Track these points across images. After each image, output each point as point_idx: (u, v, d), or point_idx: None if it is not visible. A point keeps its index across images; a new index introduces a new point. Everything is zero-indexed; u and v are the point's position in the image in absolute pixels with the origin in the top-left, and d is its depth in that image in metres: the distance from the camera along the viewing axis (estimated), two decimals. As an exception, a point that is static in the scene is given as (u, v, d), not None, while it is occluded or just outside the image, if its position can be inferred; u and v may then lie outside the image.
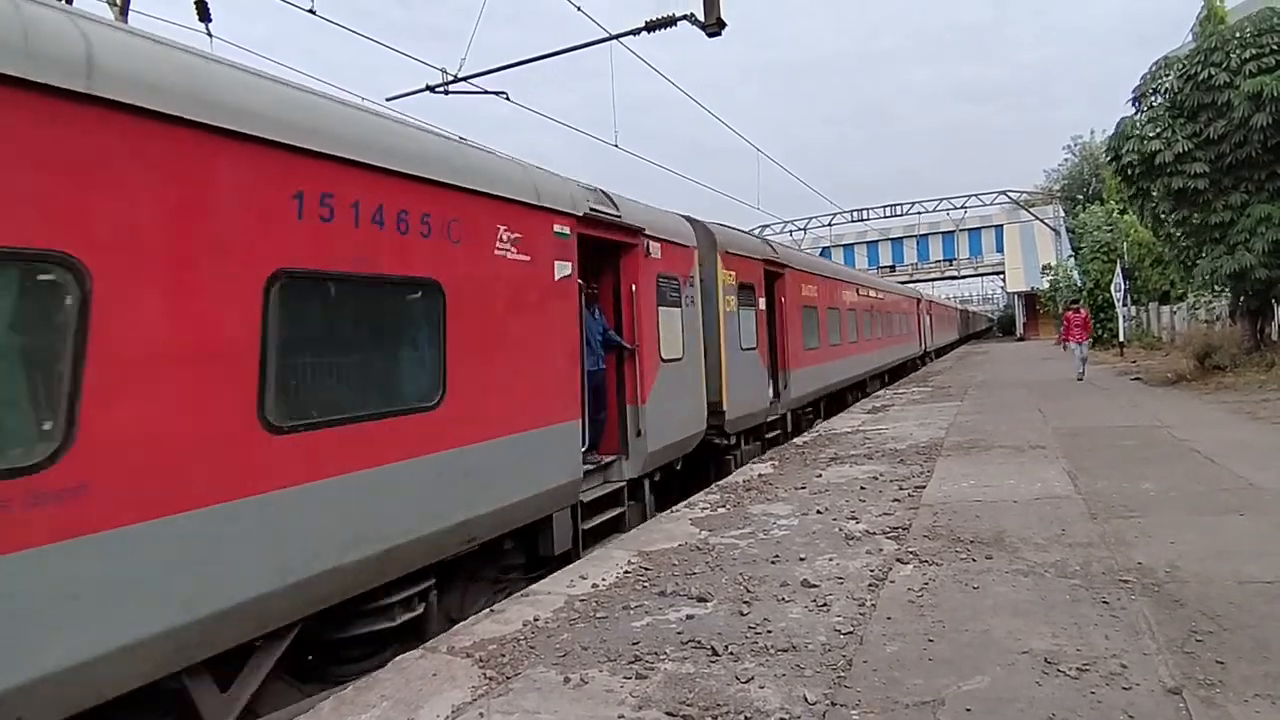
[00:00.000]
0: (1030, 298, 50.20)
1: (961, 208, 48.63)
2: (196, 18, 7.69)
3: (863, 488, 7.28)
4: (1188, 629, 3.55)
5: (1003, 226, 57.75)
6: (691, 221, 9.11)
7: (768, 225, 50.28)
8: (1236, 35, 13.75)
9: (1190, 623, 3.62)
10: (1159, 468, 7.19)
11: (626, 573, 5.10)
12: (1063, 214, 50.55)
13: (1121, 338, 25.31)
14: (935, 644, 3.58)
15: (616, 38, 10.45)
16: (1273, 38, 13.23)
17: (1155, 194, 15.06)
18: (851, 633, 3.79)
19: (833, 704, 3.08)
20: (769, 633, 3.86)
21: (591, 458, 6.67)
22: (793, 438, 11.55)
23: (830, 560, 5.05)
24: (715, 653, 3.64)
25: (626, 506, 6.99)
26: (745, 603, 4.32)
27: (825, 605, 4.21)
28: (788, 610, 4.18)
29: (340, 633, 4.20)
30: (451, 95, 11.33)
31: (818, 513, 6.39)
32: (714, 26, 9.43)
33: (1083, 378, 16.93)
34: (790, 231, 53.83)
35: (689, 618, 4.16)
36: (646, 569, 5.13)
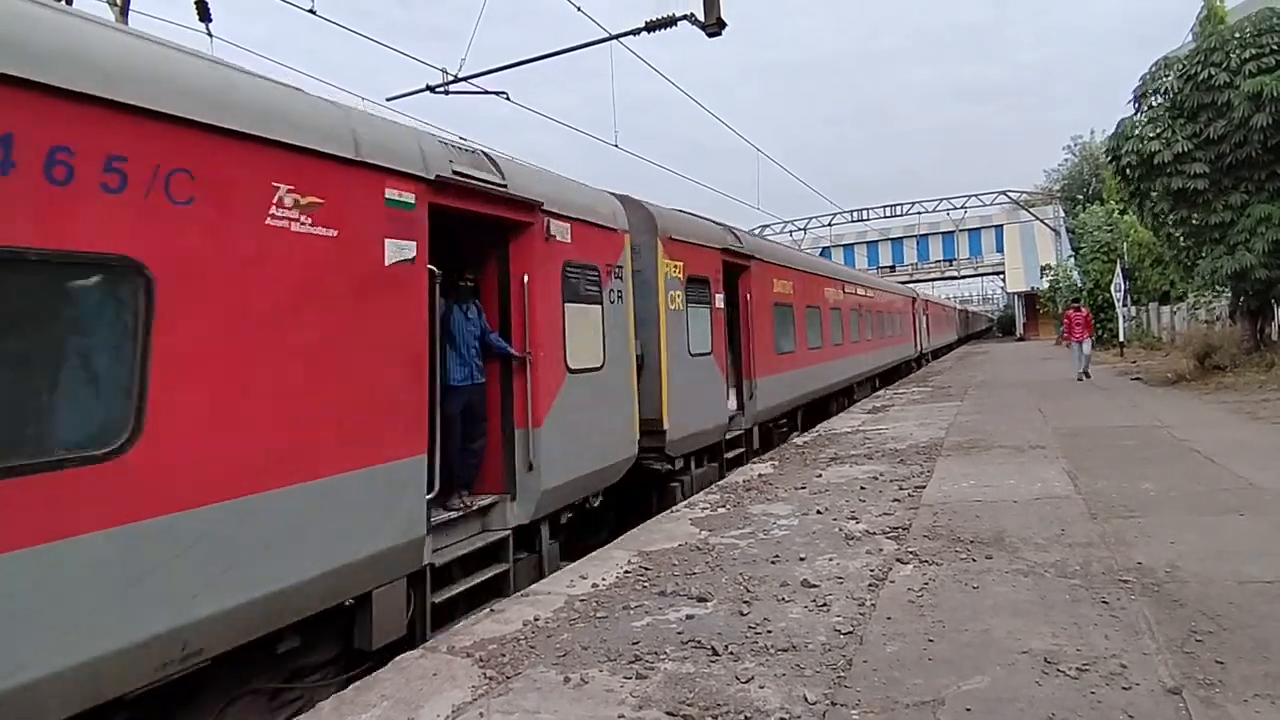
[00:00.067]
0: (1030, 298, 50.25)
1: (961, 208, 48.64)
2: (197, 18, 7.70)
3: (863, 488, 7.28)
4: (1187, 629, 3.56)
5: (1003, 227, 57.79)
6: (624, 200, 7.60)
7: (768, 225, 50.33)
8: (1236, 35, 13.75)
9: (1190, 623, 3.62)
10: (1159, 468, 7.20)
11: (626, 573, 5.10)
12: (1063, 214, 50.55)
13: (1121, 338, 25.30)
14: (935, 644, 3.59)
15: (616, 38, 10.46)
16: (1273, 38, 13.24)
17: (1155, 194, 15.06)
18: (851, 632, 3.79)
19: (833, 704, 3.08)
20: (769, 633, 3.86)
21: (454, 503, 5.31)
22: (760, 453, 10.45)
23: (830, 560, 5.05)
24: (715, 652, 3.64)
25: (513, 562, 5.53)
26: (745, 603, 4.32)
27: (825, 605, 4.22)
28: (788, 610, 4.19)
29: None
30: (451, 95, 11.37)
31: (818, 513, 6.40)
32: (714, 26, 9.43)
33: (1086, 377, 16.91)
34: (790, 231, 53.88)
35: (689, 618, 4.17)
36: (646, 569, 5.14)
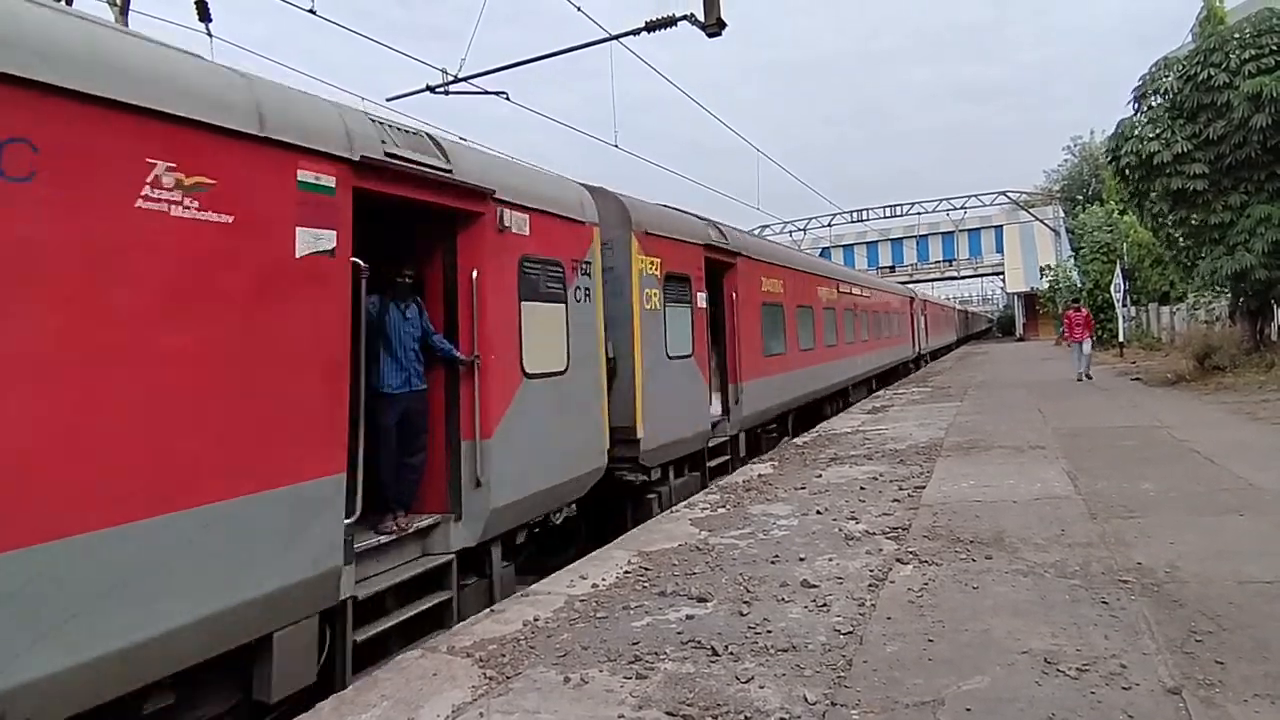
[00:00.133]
0: (1030, 298, 50.26)
1: (961, 208, 48.65)
2: (197, 18, 7.70)
3: (862, 488, 7.28)
4: (1187, 629, 3.56)
5: (1002, 227, 57.80)
6: (594, 191, 7.07)
7: (768, 225, 50.34)
8: (1236, 36, 13.76)
9: (1190, 623, 3.62)
10: (1159, 468, 7.20)
11: (626, 573, 5.10)
12: (1062, 214, 50.58)
13: (1121, 338, 25.32)
14: (935, 644, 3.59)
15: (616, 38, 10.46)
16: (1272, 38, 13.24)
17: (1154, 195, 15.06)
18: (851, 633, 3.80)
19: (833, 704, 3.08)
20: (769, 633, 3.86)
21: (387, 526, 4.77)
22: (748, 460, 9.97)
23: (830, 560, 5.05)
24: (715, 653, 3.64)
25: (457, 590, 5.01)
26: (745, 603, 4.32)
27: (825, 605, 4.22)
28: (788, 610, 4.19)
29: None
30: (452, 95, 11.36)
31: (817, 513, 6.40)
32: (714, 27, 9.43)
33: (1087, 377, 16.83)
34: (790, 232, 53.89)
35: (689, 618, 4.17)
36: (646, 569, 5.14)
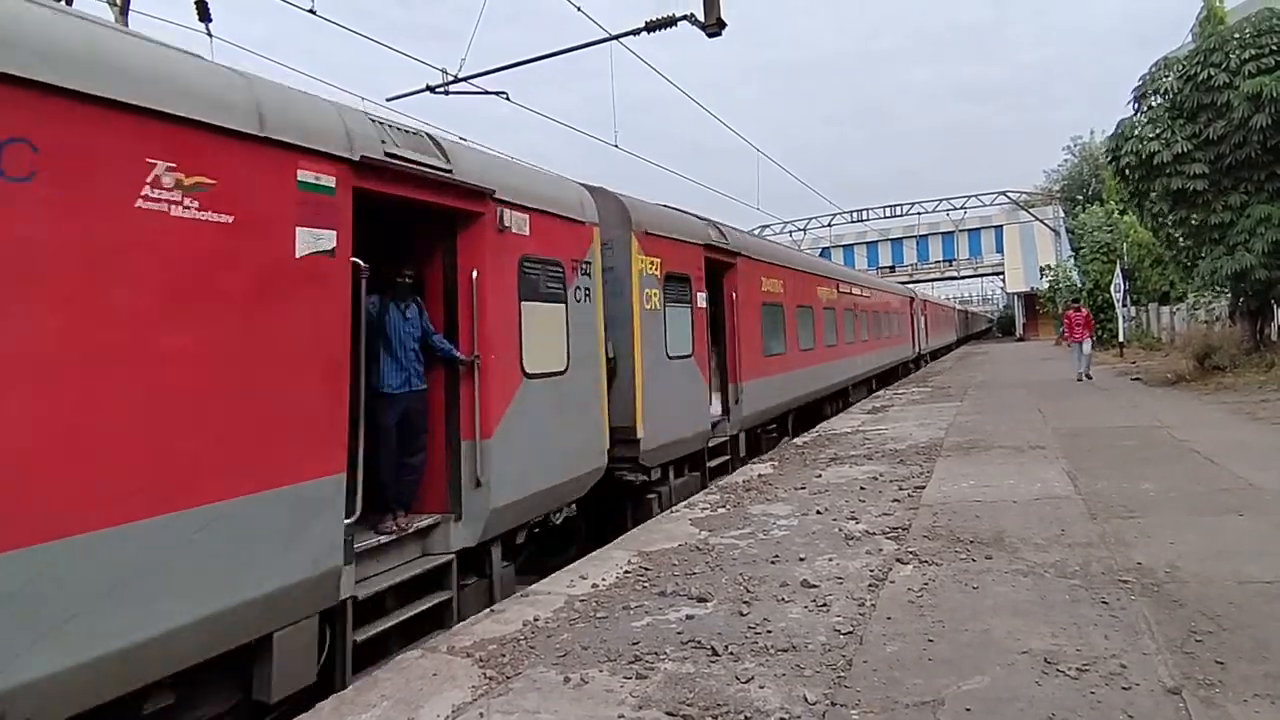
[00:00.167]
0: (1030, 298, 50.25)
1: (961, 208, 48.65)
2: (197, 18, 7.70)
3: (862, 488, 7.28)
4: (1187, 629, 3.56)
5: (1002, 227, 57.79)
6: (594, 192, 7.07)
7: (768, 225, 50.35)
8: (1236, 36, 13.76)
9: (1190, 623, 3.63)
10: (1159, 468, 7.20)
11: (626, 573, 5.10)
12: (1062, 214, 50.59)
13: (1121, 338, 25.32)
14: (935, 644, 3.59)
15: (616, 38, 10.46)
16: (1272, 38, 13.24)
17: (1154, 195, 15.06)
18: (851, 633, 3.80)
19: (833, 704, 3.08)
20: (769, 633, 3.86)
21: (387, 526, 4.78)
22: (748, 460, 9.89)
23: (830, 560, 5.05)
24: (715, 653, 3.64)
25: (457, 590, 5.02)
26: (745, 603, 4.32)
27: (825, 605, 4.22)
28: (788, 610, 4.19)
29: None
30: (452, 95, 11.36)
31: (817, 513, 6.40)
32: (714, 27, 9.43)
33: (1088, 377, 16.76)
34: (790, 232, 53.90)
35: (689, 618, 4.17)
36: (646, 569, 5.14)
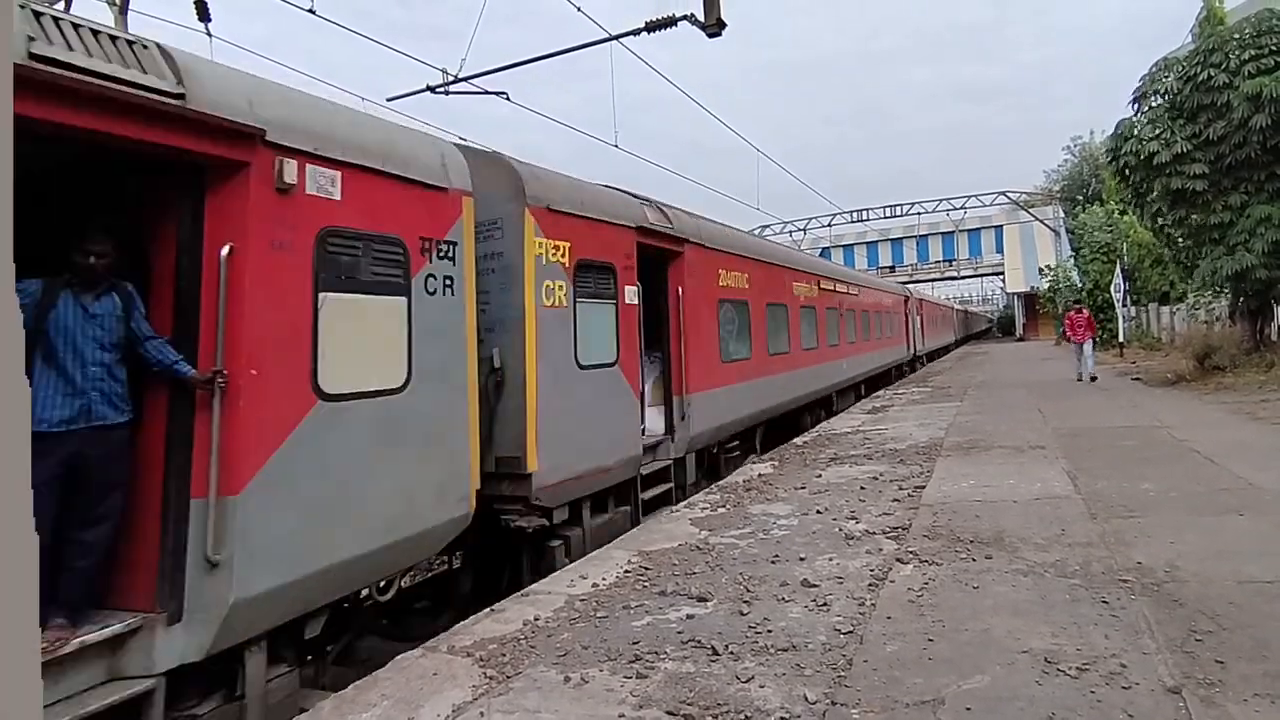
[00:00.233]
0: (1030, 298, 50.21)
1: (961, 208, 48.62)
2: (196, 17, 7.70)
3: (862, 488, 7.28)
4: (1187, 628, 3.56)
5: (1002, 227, 57.75)
6: (469, 153, 5.55)
7: (768, 225, 50.33)
8: (1236, 36, 13.77)
9: (1190, 622, 3.63)
10: (1159, 468, 7.20)
11: (626, 572, 5.10)
12: (1062, 214, 50.59)
13: (1121, 338, 25.33)
14: (935, 643, 3.59)
15: (616, 38, 10.45)
16: (1272, 38, 13.25)
17: (1154, 195, 15.07)
18: (851, 632, 3.80)
19: (833, 703, 3.08)
20: (769, 632, 3.86)
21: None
22: (705, 487, 8.34)
23: (830, 560, 5.06)
24: (715, 652, 3.64)
25: None
26: (745, 602, 4.32)
27: (825, 605, 4.22)
28: (788, 610, 4.19)
29: None
30: (452, 95, 11.36)
31: (818, 513, 6.40)
32: (714, 27, 9.42)
33: (1091, 378, 16.49)
34: (790, 232, 53.86)
35: (689, 617, 4.17)
36: (646, 569, 5.14)
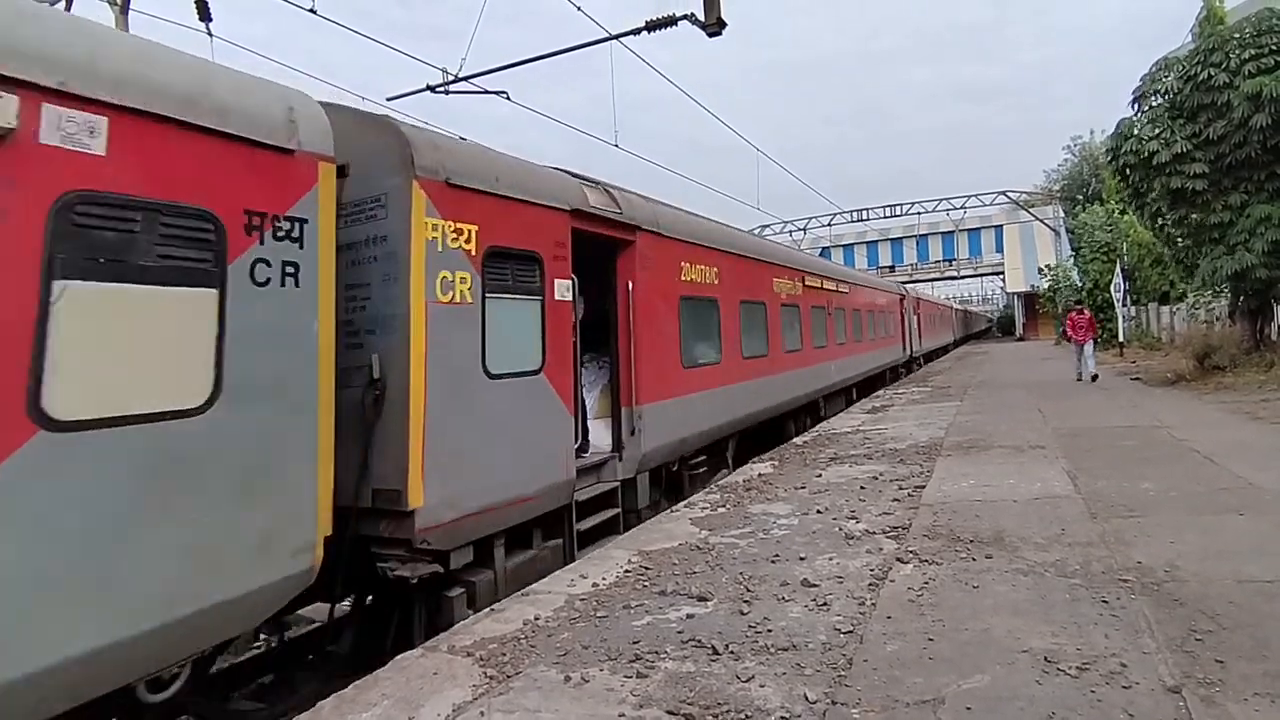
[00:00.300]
0: (1030, 298, 50.24)
1: (961, 208, 48.61)
2: (197, 17, 7.70)
3: (862, 487, 7.28)
4: (1187, 628, 3.56)
5: (1002, 227, 57.81)
6: (339, 110, 4.73)
7: (768, 225, 50.33)
8: (1236, 36, 13.77)
9: (1190, 622, 3.63)
10: (1158, 468, 7.20)
11: (627, 572, 5.10)
12: (1062, 214, 50.61)
13: (1121, 338, 25.34)
14: (935, 643, 3.59)
15: (616, 38, 10.46)
16: (1272, 38, 13.25)
17: (1154, 194, 15.06)
18: (852, 632, 3.80)
19: (833, 703, 3.08)
20: (769, 632, 3.86)
21: None
22: (665, 508, 7.37)
23: (830, 559, 5.06)
24: (716, 652, 3.64)
25: None
26: (745, 602, 4.32)
27: (825, 604, 4.22)
28: (788, 609, 4.19)
29: None
30: (452, 95, 11.37)
31: (818, 512, 6.40)
32: (714, 26, 9.42)
33: (1090, 378, 16.47)
34: (790, 231, 53.86)
35: (689, 617, 4.17)
36: (647, 568, 5.14)
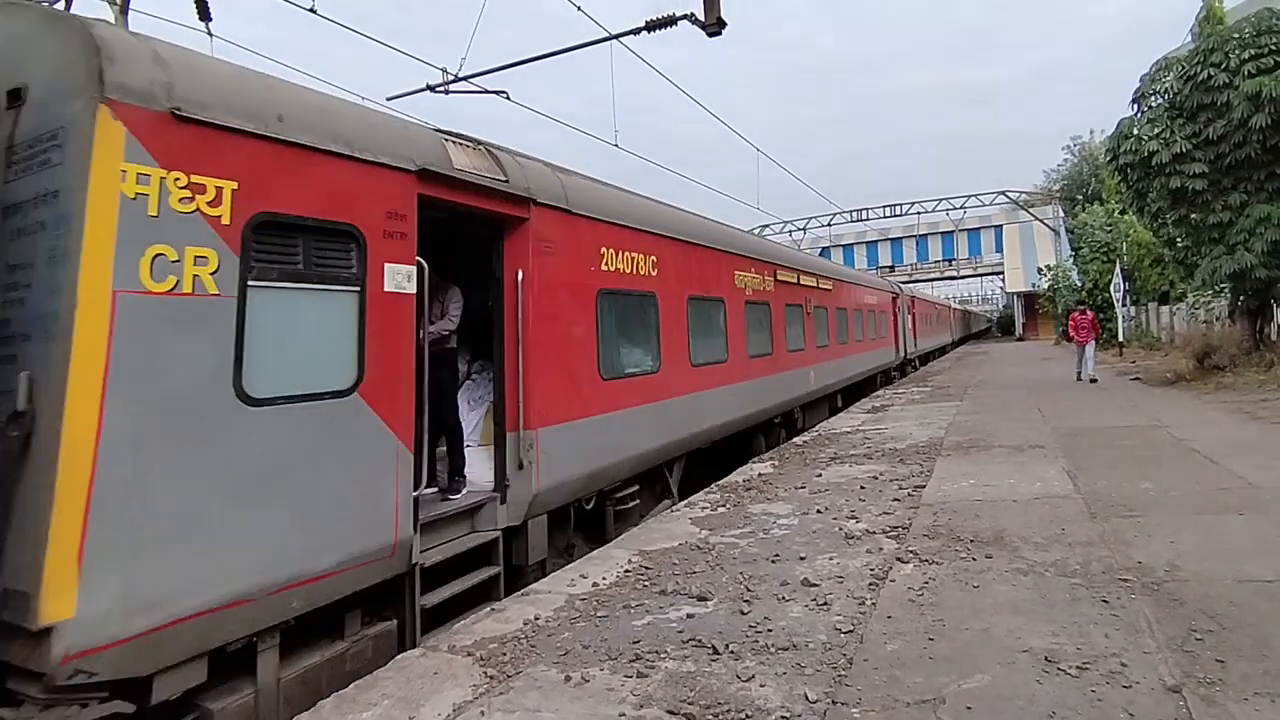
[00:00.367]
0: (1029, 298, 50.24)
1: (961, 208, 48.62)
2: (197, 17, 7.69)
3: (863, 487, 7.28)
4: (1187, 627, 3.56)
5: (1002, 227, 57.82)
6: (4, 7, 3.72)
7: (767, 225, 50.32)
8: (1235, 36, 13.76)
9: (1190, 621, 3.63)
10: (1158, 467, 7.20)
11: (627, 572, 5.10)
12: (1062, 214, 50.62)
13: (1121, 338, 25.34)
14: (935, 642, 3.59)
15: (616, 38, 10.45)
16: (1272, 38, 13.24)
17: (1154, 194, 15.06)
18: (852, 631, 3.80)
19: (833, 702, 3.08)
20: (769, 631, 3.86)
21: None
22: (585, 552, 6.08)
23: (830, 559, 5.06)
24: (716, 651, 3.64)
25: None
26: (746, 601, 4.32)
27: (825, 604, 4.22)
28: (788, 609, 4.19)
29: None
30: (452, 95, 11.36)
31: (818, 512, 6.40)
32: (714, 26, 9.41)
33: (1091, 380, 16.39)
34: (790, 231, 53.85)
35: (690, 616, 4.17)
36: (647, 568, 5.14)
